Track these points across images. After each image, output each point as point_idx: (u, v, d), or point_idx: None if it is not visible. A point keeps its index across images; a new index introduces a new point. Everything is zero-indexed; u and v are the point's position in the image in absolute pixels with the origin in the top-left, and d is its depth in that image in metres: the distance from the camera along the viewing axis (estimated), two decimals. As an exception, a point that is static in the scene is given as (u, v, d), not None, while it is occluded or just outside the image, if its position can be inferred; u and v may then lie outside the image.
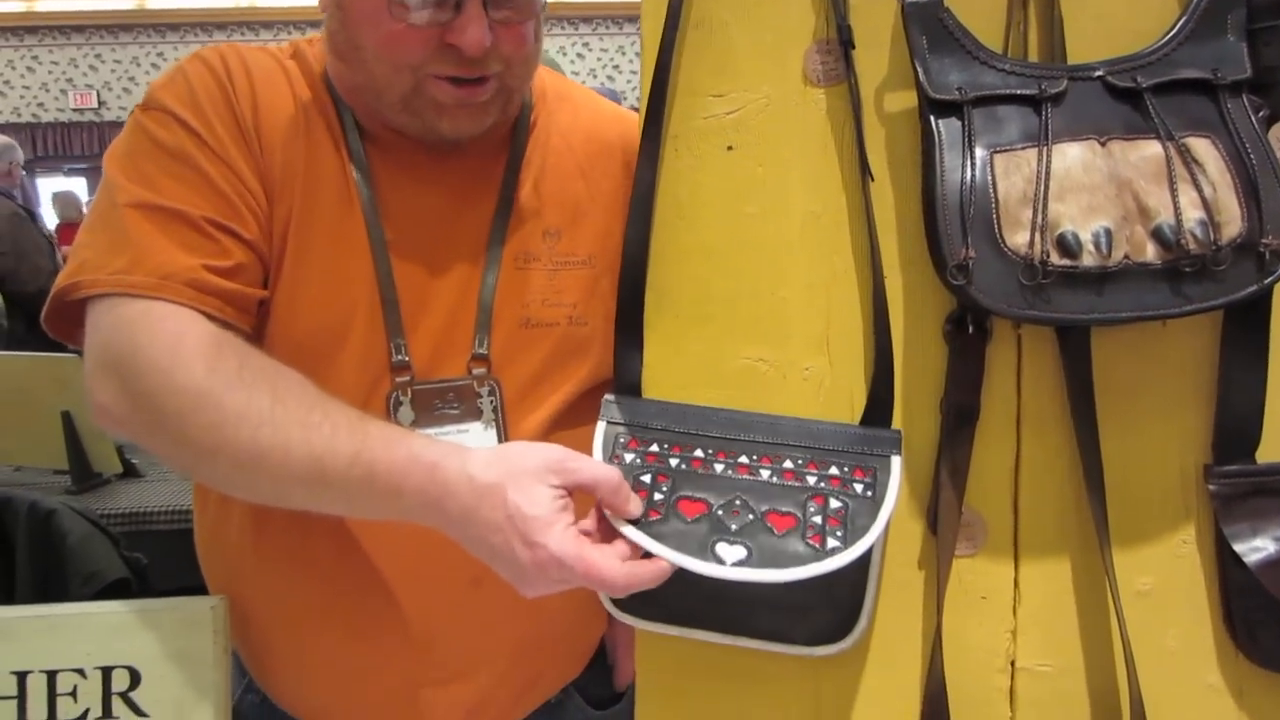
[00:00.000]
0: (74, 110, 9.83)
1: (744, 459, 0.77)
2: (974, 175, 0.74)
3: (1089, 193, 0.73)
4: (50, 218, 6.69)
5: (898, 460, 0.77)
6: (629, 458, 0.78)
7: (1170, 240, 0.72)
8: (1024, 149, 0.75)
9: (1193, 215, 0.72)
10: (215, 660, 0.92)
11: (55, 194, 6.98)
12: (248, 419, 0.78)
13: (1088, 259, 0.72)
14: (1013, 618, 0.82)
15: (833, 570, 0.71)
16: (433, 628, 0.96)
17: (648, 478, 0.76)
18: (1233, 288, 0.73)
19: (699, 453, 0.78)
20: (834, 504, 0.74)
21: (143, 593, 2.01)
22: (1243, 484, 0.79)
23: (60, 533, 1.94)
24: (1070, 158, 0.74)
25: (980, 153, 0.75)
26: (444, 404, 0.94)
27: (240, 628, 1.00)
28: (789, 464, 0.77)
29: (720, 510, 0.74)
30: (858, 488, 0.75)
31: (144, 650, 0.91)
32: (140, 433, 0.84)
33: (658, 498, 0.75)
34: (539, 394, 0.98)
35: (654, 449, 0.78)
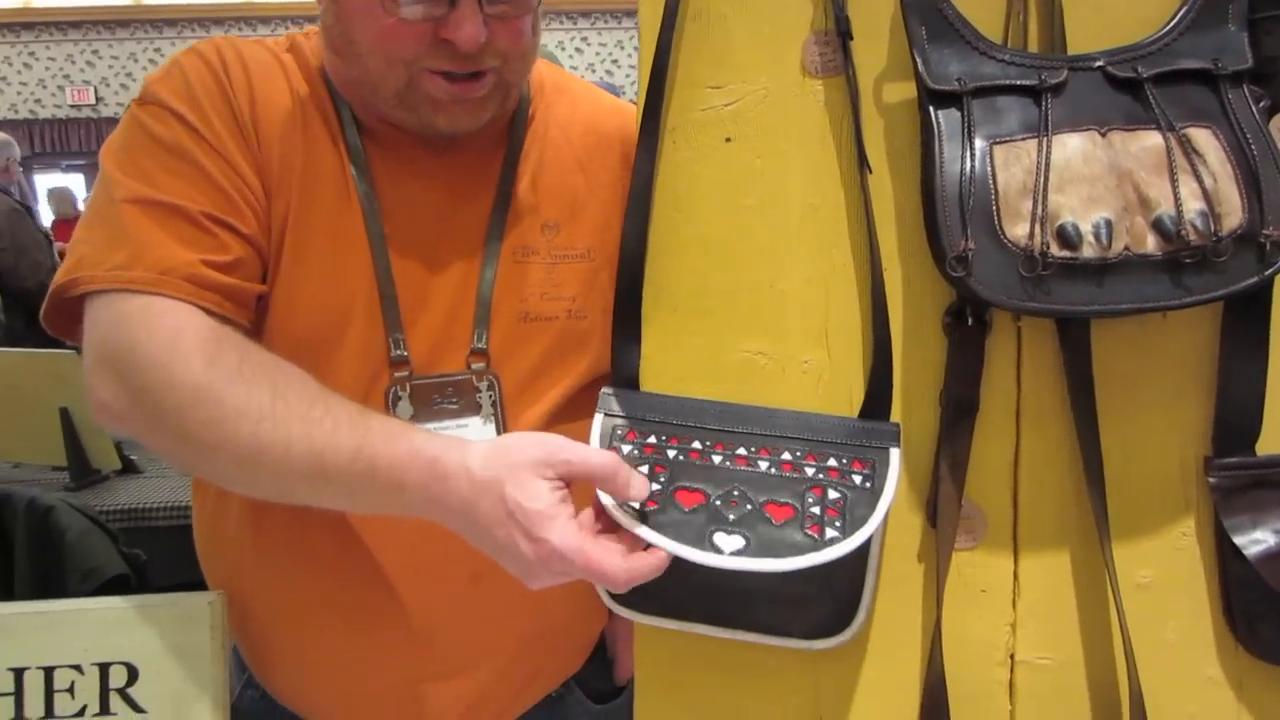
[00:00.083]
0: (71, 106, 9.82)
1: (742, 450, 0.77)
2: (973, 166, 0.74)
3: (1089, 184, 0.73)
4: (48, 214, 6.68)
5: (896, 452, 0.77)
6: (626, 449, 0.77)
7: (1171, 231, 0.72)
8: (1024, 140, 0.74)
9: (1193, 206, 0.72)
10: (213, 656, 0.92)
11: (50, 190, 6.98)
12: (248, 414, 0.78)
13: (1088, 250, 0.72)
14: (1012, 611, 0.82)
15: (831, 560, 0.70)
16: (433, 623, 0.96)
17: (645, 469, 0.76)
18: (1233, 279, 0.73)
19: (697, 444, 0.78)
20: (832, 495, 0.74)
21: (142, 589, 2.01)
22: (1243, 476, 0.79)
23: (59, 529, 1.94)
24: (1070, 148, 0.74)
25: (980, 144, 0.75)
26: (443, 399, 0.94)
27: (240, 623, 1.00)
28: (787, 456, 0.77)
29: (718, 501, 0.74)
30: (856, 479, 0.75)
31: (141, 646, 0.91)
32: (140, 429, 0.84)
33: (655, 488, 0.74)
34: (538, 388, 0.97)
35: (651, 440, 0.78)
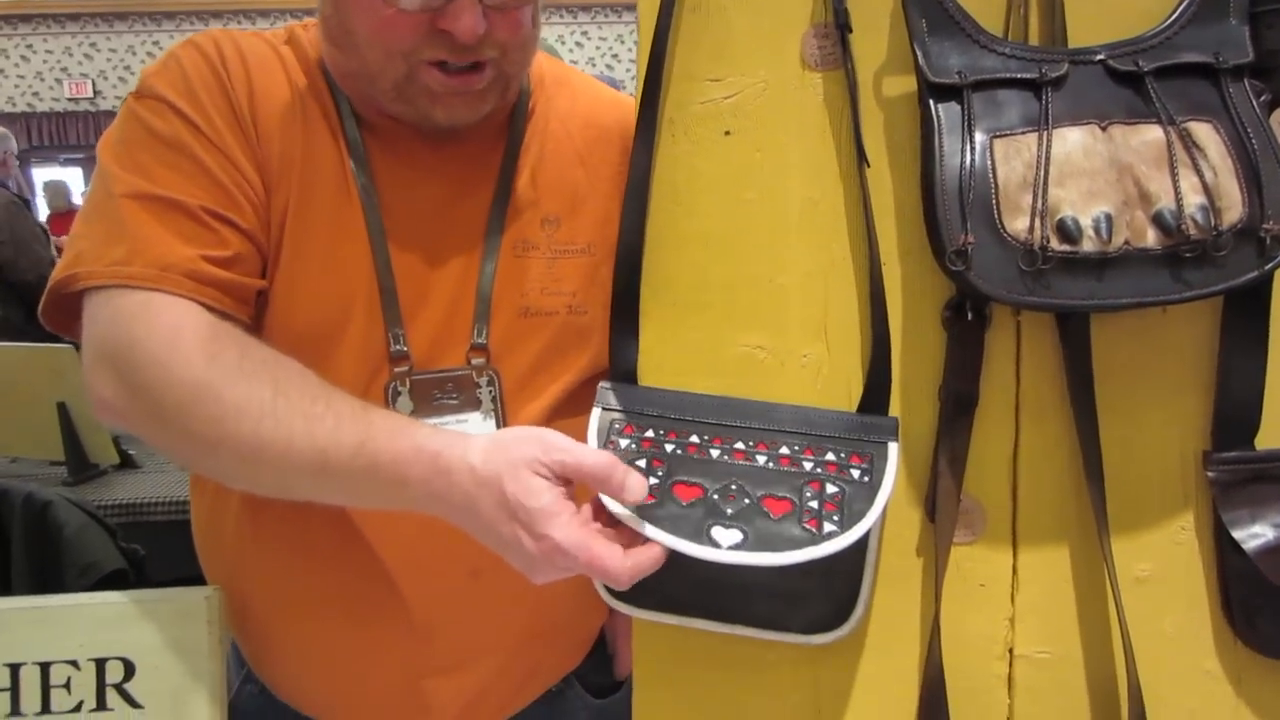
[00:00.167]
0: (69, 100, 9.81)
1: (740, 445, 0.77)
2: (973, 160, 0.74)
3: (1089, 178, 0.73)
4: (44, 208, 6.67)
5: (894, 447, 0.77)
6: (624, 443, 0.77)
7: (1171, 226, 0.72)
8: (1024, 133, 0.74)
9: (1194, 200, 0.72)
10: (211, 651, 0.91)
11: (45, 183, 6.96)
12: (249, 412, 0.77)
13: (1088, 244, 0.72)
14: (1011, 605, 0.82)
15: (829, 554, 0.70)
16: (433, 618, 0.96)
17: (643, 463, 0.76)
18: (1233, 273, 0.72)
19: (694, 438, 0.77)
20: (830, 489, 0.74)
21: (140, 584, 2.01)
22: (1242, 470, 0.79)
23: (57, 524, 1.94)
24: (1071, 142, 0.73)
25: (980, 137, 0.74)
26: (443, 394, 0.94)
27: (239, 618, 0.99)
28: (785, 450, 0.76)
29: (716, 495, 0.74)
30: (855, 473, 0.75)
31: (138, 641, 0.91)
32: (140, 426, 0.83)
33: (653, 482, 0.74)
34: (538, 383, 0.97)
35: (649, 434, 0.78)
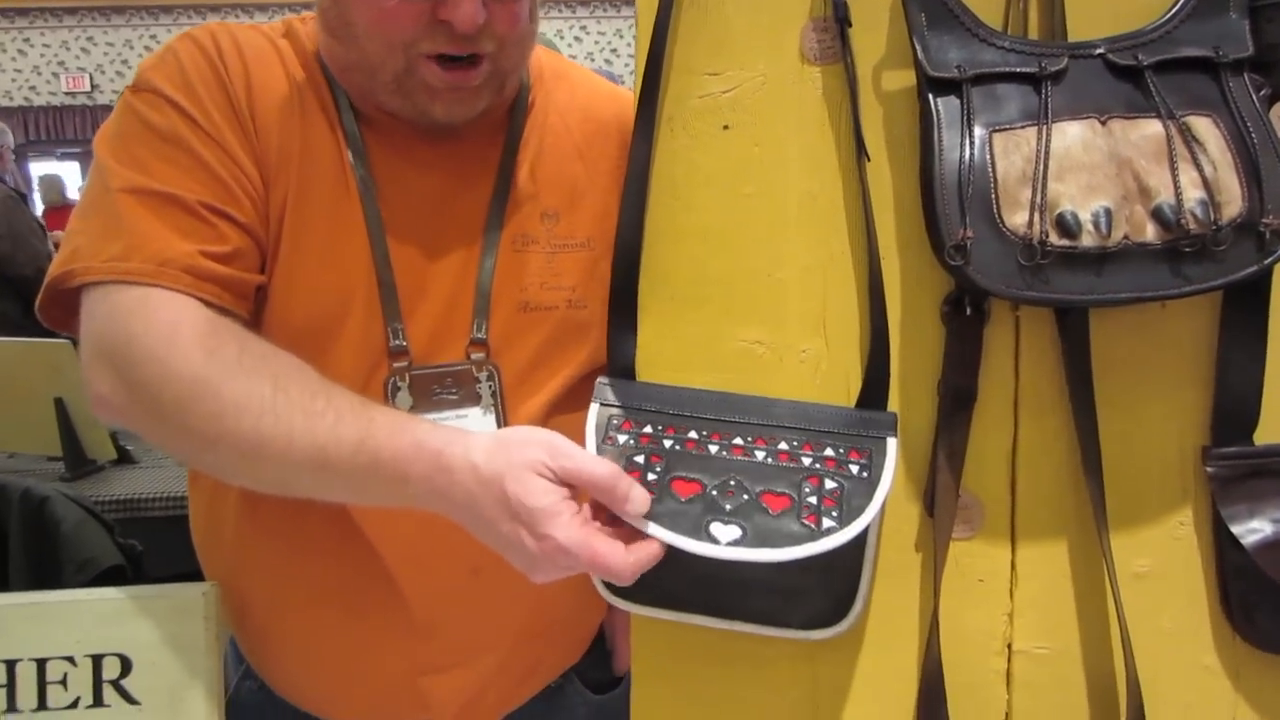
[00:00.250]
0: (66, 94, 9.79)
1: (738, 440, 0.77)
2: (973, 154, 0.74)
3: (1089, 172, 0.72)
4: (39, 203, 6.67)
5: (893, 442, 0.76)
6: (622, 439, 0.77)
7: (1170, 220, 0.71)
8: (1023, 128, 0.74)
9: (1193, 195, 0.72)
10: (208, 647, 0.91)
11: (40, 177, 6.95)
12: (249, 408, 0.77)
13: (1087, 239, 0.72)
14: (1010, 600, 0.82)
15: (828, 550, 0.70)
16: (433, 615, 0.96)
17: (641, 458, 0.75)
18: (1232, 268, 0.72)
19: (693, 434, 0.77)
20: (829, 484, 0.74)
21: (138, 580, 2.01)
22: (1241, 466, 0.79)
23: (54, 520, 1.94)
24: (1070, 136, 0.73)
25: (979, 132, 0.74)
26: (442, 389, 0.93)
27: (238, 614, 0.99)
28: (784, 445, 0.76)
29: (714, 490, 0.73)
30: (853, 469, 0.75)
31: (135, 638, 0.91)
32: (139, 423, 0.83)
33: (651, 478, 0.74)
34: (538, 378, 0.97)
35: (647, 430, 0.78)
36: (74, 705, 0.90)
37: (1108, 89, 0.75)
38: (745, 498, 0.73)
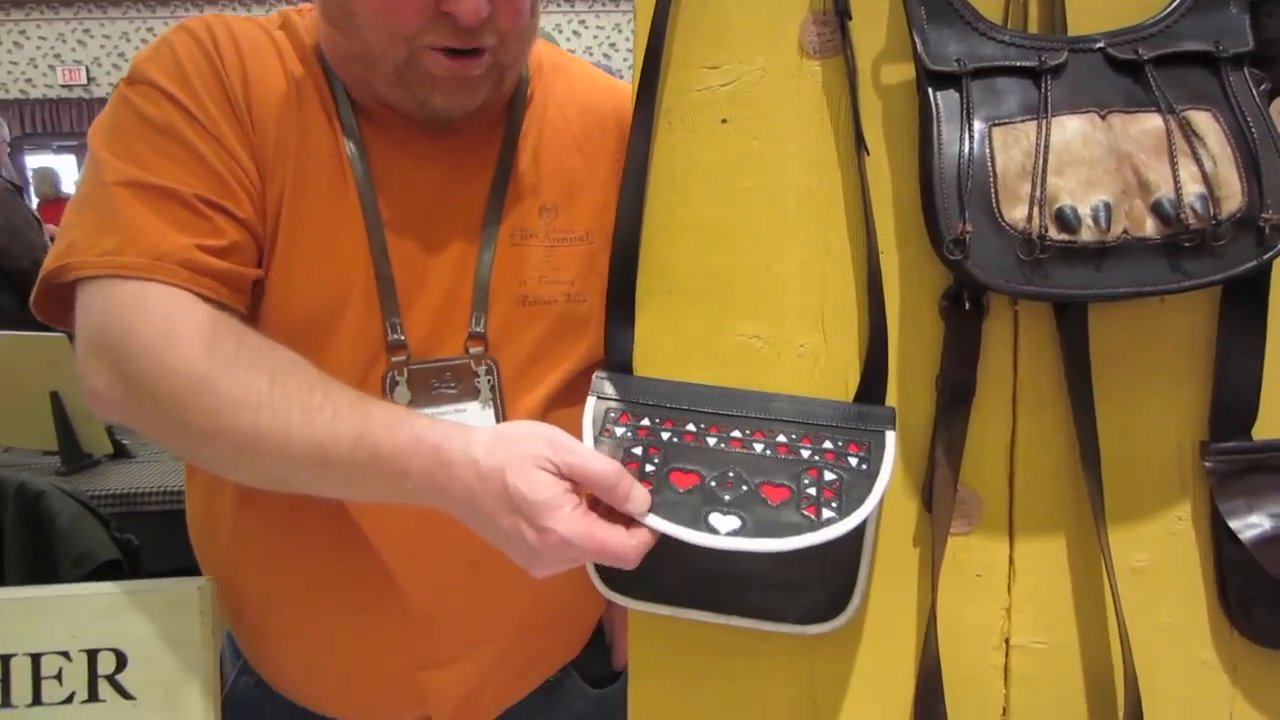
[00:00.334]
0: (62, 86, 9.77)
1: (737, 433, 0.77)
2: (972, 148, 0.73)
3: (1088, 166, 0.72)
4: (33, 196, 6.66)
5: (892, 435, 0.76)
6: (620, 431, 0.77)
7: (1170, 215, 0.71)
8: (1023, 122, 0.74)
9: (1193, 189, 0.71)
10: (203, 642, 0.91)
11: (34, 170, 6.92)
12: (246, 403, 0.77)
13: (1086, 234, 0.71)
14: (1007, 595, 0.82)
15: (828, 541, 0.70)
16: (431, 609, 0.95)
17: (639, 450, 0.75)
18: (1232, 263, 0.72)
19: (691, 427, 0.77)
20: (829, 476, 0.74)
21: (134, 575, 2.01)
22: (1239, 461, 0.79)
23: (50, 514, 1.93)
24: (1070, 131, 0.73)
25: (979, 125, 0.74)
26: (441, 384, 0.93)
27: (235, 609, 0.99)
28: (782, 438, 0.76)
29: (713, 482, 0.73)
30: (853, 461, 0.75)
31: (130, 632, 0.90)
32: (136, 418, 0.82)
33: (649, 469, 0.74)
34: (537, 372, 0.97)
35: (645, 423, 0.77)
36: (69, 700, 0.90)
37: (1107, 83, 0.75)
38: (744, 489, 0.73)
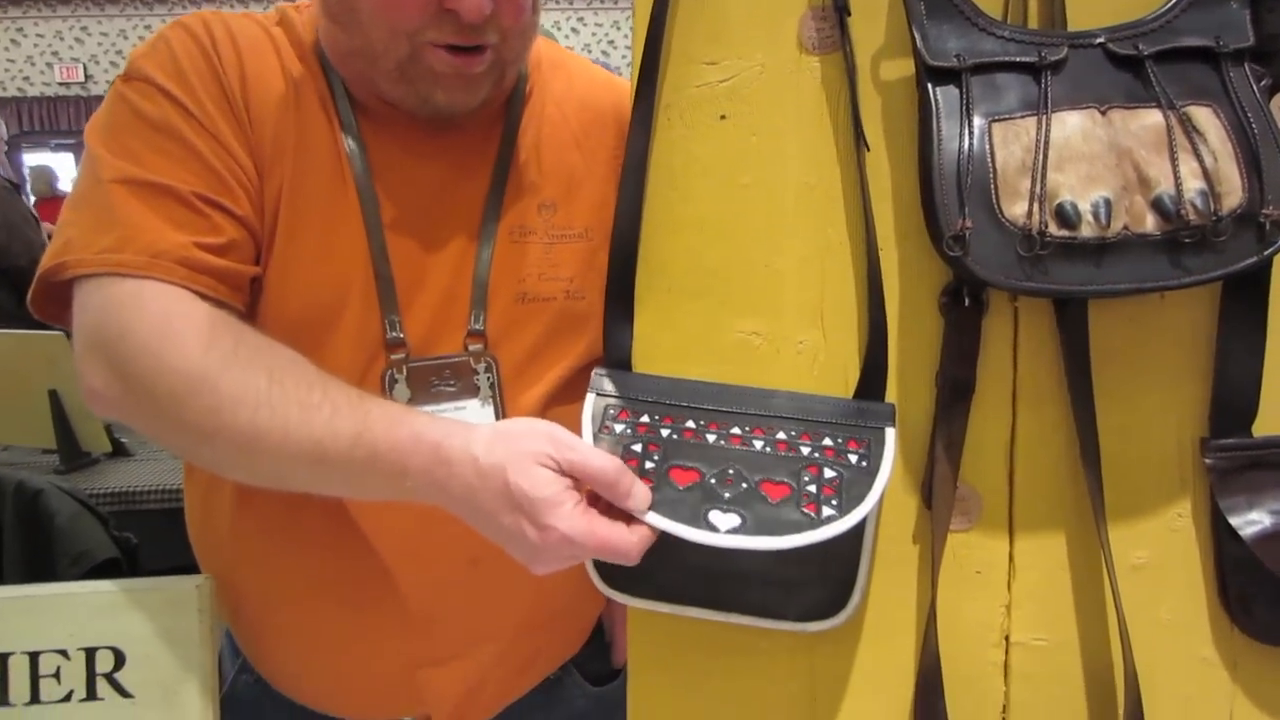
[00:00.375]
0: (60, 84, 9.75)
1: (736, 430, 0.76)
2: (972, 144, 0.73)
3: (1088, 162, 0.72)
4: (29, 194, 6.65)
5: (892, 432, 0.76)
6: (619, 428, 0.77)
7: (1170, 211, 0.71)
8: (1023, 117, 0.73)
9: (1193, 185, 0.71)
10: (202, 640, 0.91)
11: (30, 168, 6.91)
12: (245, 401, 0.76)
13: (1086, 230, 0.71)
14: (1007, 592, 0.82)
15: (829, 538, 0.70)
16: (431, 607, 0.95)
17: (639, 446, 0.75)
18: (1232, 259, 0.72)
19: (690, 423, 0.77)
20: (829, 473, 0.73)
21: (133, 573, 2.01)
22: (1239, 457, 0.78)
23: (48, 513, 1.93)
24: (1070, 126, 0.73)
25: (978, 121, 0.74)
26: (440, 381, 0.93)
27: (234, 608, 0.99)
28: (782, 435, 0.76)
29: (713, 479, 0.73)
30: (852, 458, 0.74)
31: (128, 631, 0.90)
32: (134, 416, 0.82)
33: (649, 466, 0.74)
34: (536, 370, 0.97)
35: (644, 420, 0.77)
36: (67, 699, 0.90)
37: (1108, 79, 0.74)
38: (744, 486, 0.72)
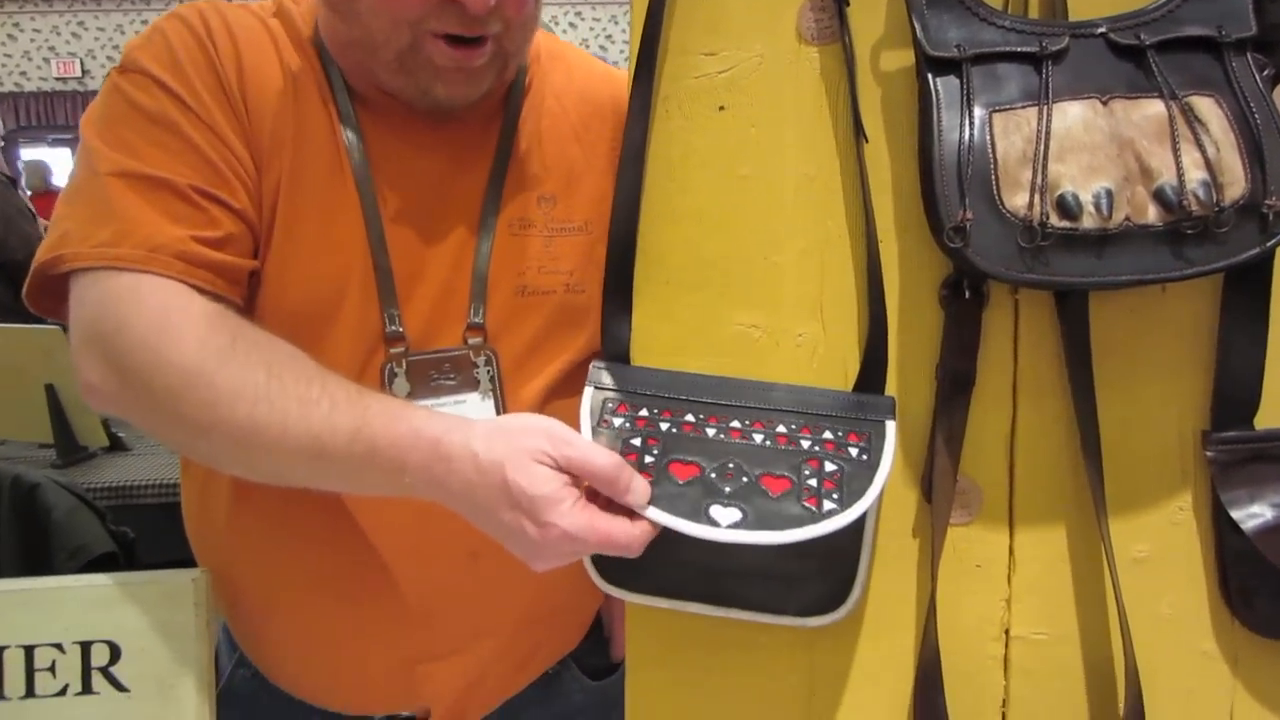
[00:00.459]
0: (57, 79, 9.73)
1: (736, 424, 0.76)
2: (972, 135, 0.73)
3: (1090, 153, 0.72)
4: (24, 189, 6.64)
5: (892, 425, 0.76)
6: (618, 422, 0.76)
7: (1172, 201, 0.71)
8: (1024, 108, 0.73)
9: (1195, 176, 0.71)
10: (198, 634, 0.90)
11: (24, 163, 6.90)
12: (242, 396, 0.76)
13: (1088, 221, 0.71)
14: (1007, 586, 0.82)
15: (830, 533, 0.69)
16: (430, 601, 0.95)
17: (638, 441, 0.75)
18: (1234, 250, 0.71)
19: (690, 417, 0.76)
20: (829, 467, 0.73)
21: (130, 567, 2.00)
22: (1241, 450, 0.78)
23: (45, 507, 1.93)
24: (1071, 117, 0.72)
25: (979, 112, 0.73)
26: (440, 375, 0.92)
27: (231, 602, 0.98)
28: (782, 429, 0.76)
29: (713, 473, 0.73)
30: (853, 451, 0.74)
31: (124, 624, 0.90)
32: (131, 411, 0.82)
33: (648, 460, 0.73)
34: (536, 363, 0.96)
35: (643, 413, 0.77)
36: (62, 693, 0.89)
37: (1109, 69, 0.74)
38: (745, 480, 0.72)
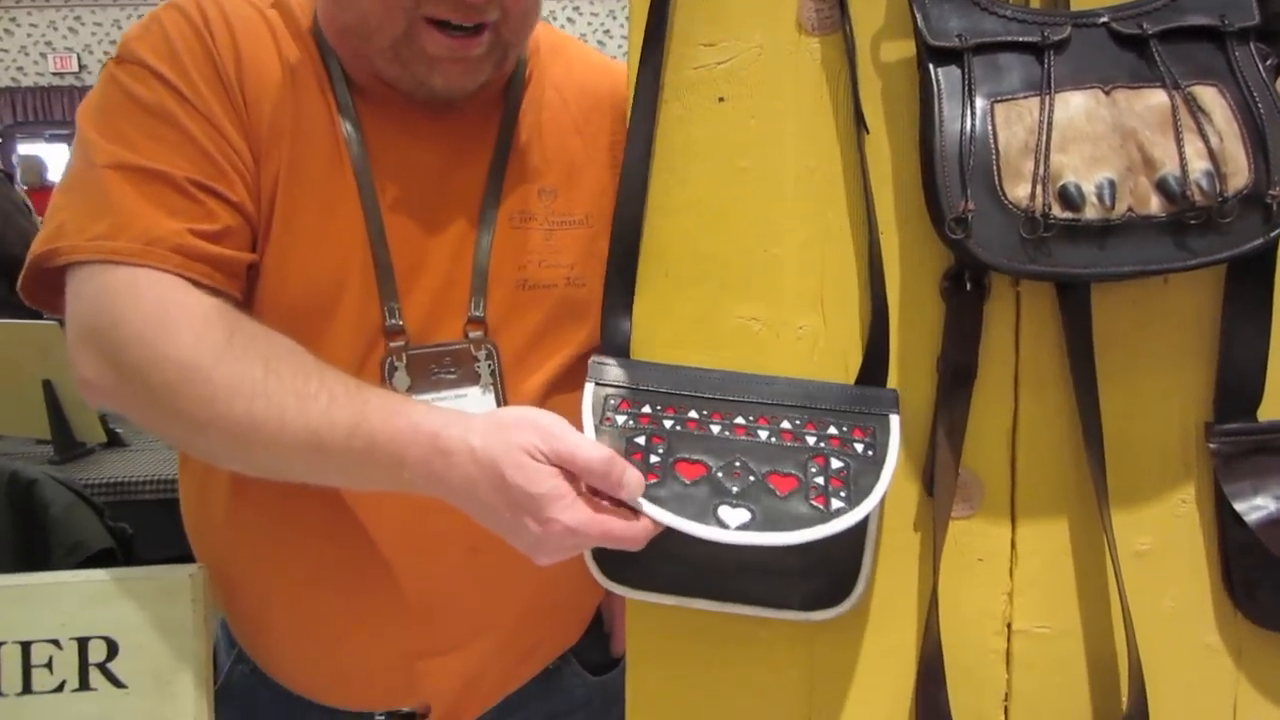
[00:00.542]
0: (54, 74, 9.71)
1: (740, 420, 0.75)
2: (974, 125, 0.72)
3: (1092, 143, 0.71)
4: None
5: (896, 419, 0.75)
6: (620, 419, 0.76)
7: (1175, 192, 0.70)
8: (1026, 98, 0.72)
9: (1198, 166, 0.70)
10: (195, 629, 0.90)
11: (19, 158, 6.88)
12: (240, 391, 0.76)
13: (1090, 211, 0.70)
14: (1009, 580, 0.81)
15: (838, 532, 0.69)
16: (430, 596, 0.95)
17: (642, 439, 0.74)
18: (1238, 240, 0.71)
19: (693, 414, 0.76)
20: (835, 464, 0.72)
21: (128, 563, 2.00)
22: (1244, 442, 0.78)
23: (43, 503, 1.93)
24: (1073, 107, 0.72)
25: (980, 102, 0.73)
26: (440, 369, 0.92)
27: (230, 597, 0.98)
28: (787, 424, 0.75)
29: (720, 472, 0.72)
30: (858, 447, 0.74)
31: (121, 620, 0.89)
32: (128, 406, 0.81)
33: (654, 460, 0.72)
34: (537, 357, 0.96)
35: (646, 410, 0.76)
36: (60, 689, 0.89)
37: (1112, 58, 0.73)
38: (752, 479, 0.71)
